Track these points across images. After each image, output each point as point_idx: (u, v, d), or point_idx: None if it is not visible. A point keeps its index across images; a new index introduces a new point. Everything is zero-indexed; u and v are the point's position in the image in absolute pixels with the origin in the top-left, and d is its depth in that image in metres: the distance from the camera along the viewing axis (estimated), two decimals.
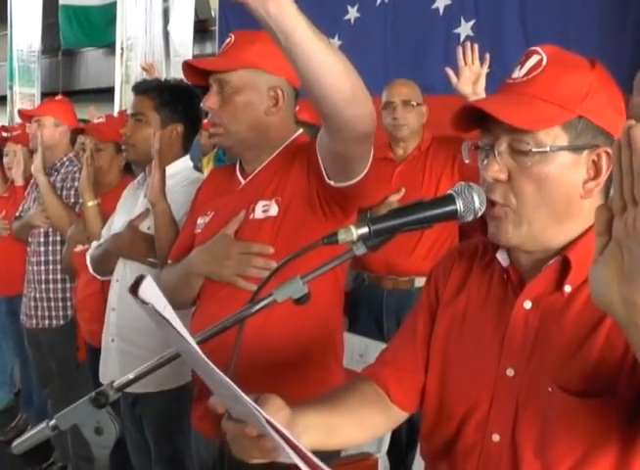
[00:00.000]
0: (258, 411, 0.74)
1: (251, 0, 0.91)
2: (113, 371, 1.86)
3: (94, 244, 2.07)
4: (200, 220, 1.52)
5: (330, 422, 0.94)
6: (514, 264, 0.91)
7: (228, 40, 1.44)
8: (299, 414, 0.89)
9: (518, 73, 0.87)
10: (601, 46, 2.73)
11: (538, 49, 0.87)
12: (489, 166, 0.85)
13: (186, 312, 1.51)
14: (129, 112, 1.99)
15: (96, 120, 2.59)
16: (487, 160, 0.86)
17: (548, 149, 0.82)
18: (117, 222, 1.98)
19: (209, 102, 1.41)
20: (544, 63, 0.85)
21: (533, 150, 0.82)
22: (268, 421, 0.74)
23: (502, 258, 0.92)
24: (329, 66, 1.00)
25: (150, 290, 0.71)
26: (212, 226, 1.46)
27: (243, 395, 0.75)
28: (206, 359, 0.75)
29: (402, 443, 2.21)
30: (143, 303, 0.68)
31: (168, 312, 0.72)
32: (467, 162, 0.90)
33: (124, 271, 1.91)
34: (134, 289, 0.70)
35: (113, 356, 1.90)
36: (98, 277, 2.09)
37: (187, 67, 1.45)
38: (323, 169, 1.26)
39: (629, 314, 0.60)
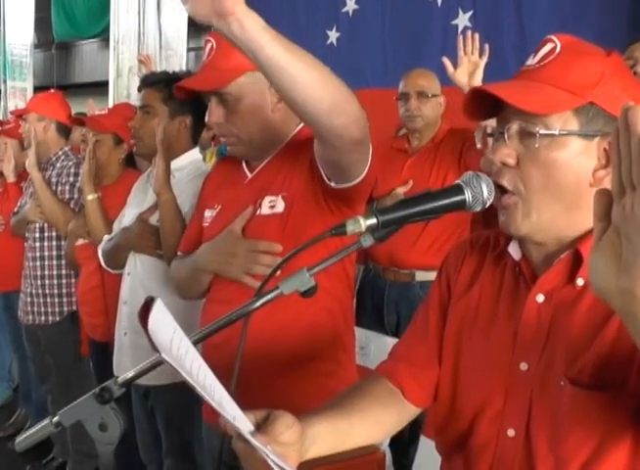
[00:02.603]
0: (256, 442, 0.76)
1: (215, 22, 0.89)
2: (126, 364, 1.86)
3: (105, 237, 2.07)
4: (207, 213, 1.51)
5: (341, 427, 0.93)
6: (526, 258, 0.90)
7: (210, 46, 1.38)
8: (309, 426, 0.88)
9: (531, 61, 0.87)
10: (598, 35, 2.72)
11: (553, 37, 0.87)
12: (498, 149, 0.84)
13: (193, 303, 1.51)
14: (137, 104, 1.99)
15: (97, 112, 2.57)
16: (497, 143, 0.85)
17: (557, 132, 0.81)
18: (128, 216, 1.98)
19: (214, 117, 1.38)
20: (557, 50, 0.85)
21: (541, 132, 0.81)
22: (268, 455, 0.76)
23: (514, 251, 0.91)
24: (302, 78, 0.97)
25: (158, 318, 0.70)
26: (220, 220, 1.45)
27: (245, 433, 0.76)
28: (216, 386, 0.75)
29: (405, 435, 2.20)
30: (154, 347, 0.68)
31: (177, 339, 0.72)
32: (478, 146, 0.89)
33: (135, 265, 1.90)
34: (144, 315, 0.68)
35: (126, 350, 1.90)
36: (110, 271, 2.08)
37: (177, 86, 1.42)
38: (322, 171, 1.25)
39: (627, 304, 0.58)
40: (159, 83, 1.91)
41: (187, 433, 1.58)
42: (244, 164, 1.48)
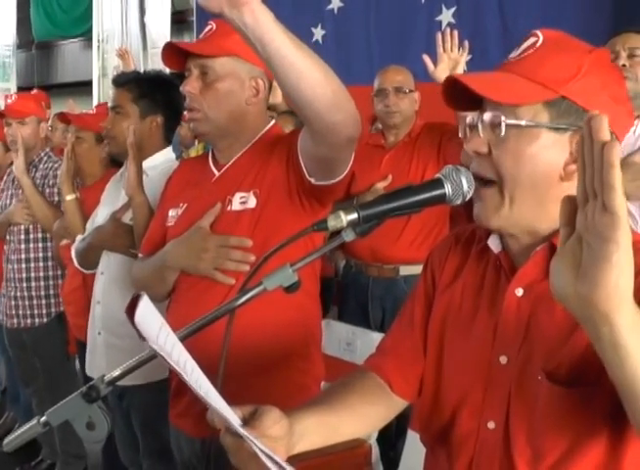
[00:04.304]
0: (250, 439, 0.76)
1: (227, 11, 0.91)
2: (100, 364, 1.86)
3: (78, 237, 2.06)
4: (171, 212, 1.50)
5: (329, 421, 0.93)
6: (505, 251, 0.91)
7: (209, 27, 1.43)
8: (297, 421, 0.88)
9: (514, 54, 0.88)
10: (581, 31, 2.75)
11: (538, 32, 0.87)
12: (471, 139, 0.85)
13: (161, 305, 1.49)
14: (109, 105, 1.99)
15: (84, 111, 2.57)
16: (471, 134, 0.86)
17: (523, 122, 0.81)
18: (101, 215, 1.97)
19: (189, 86, 1.39)
20: (538, 44, 0.85)
21: (507, 122, 0.81)
22: (260, 448, 0.76)
23: (494, 244, 0.92)
24: (308, 73, 0.99)
25: (145, 314, 0.70)
26: (186, 219, 1.44)
27: (234, 424, 0.76)
28: (202, 381, 0.75)
29: (392, 429, 2.22)
30: (141, 337, 0.68)
31: (164, 334, 0.72)
32: (460, 136, 0.90)
33: (109, 264, 1.89)
34: (131, 311, 0.69)
35: (100, 350, 1.89)
36: (84, 271, 2.08)
37: (168, 49, 1.43)
38: (304, 168, 1.26)
39: (584, 310, 0.60)
40: (129, 83, 1.91)
41: (164, 433, 1.57)
42: (210, 163, 1.49)
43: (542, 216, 0.85)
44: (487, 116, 0.84)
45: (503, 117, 0.82)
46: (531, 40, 0.86)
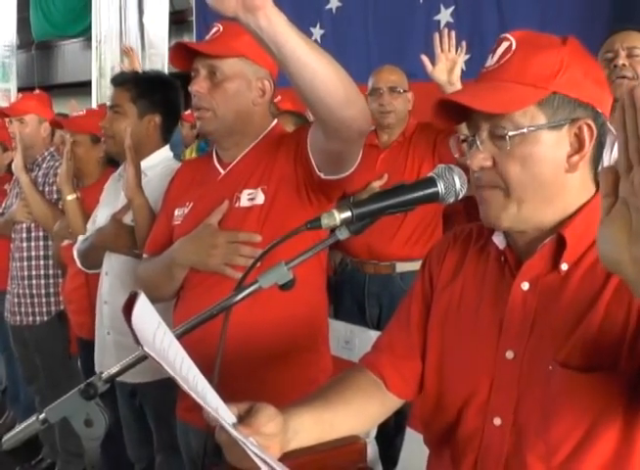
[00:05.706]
0: (243, 442, 0.76)
1: (241, 15, 0.93)
2: (110, 363, 1.86)
3: (80, 238, 2.07)
4: (177, 212, 1.52)
5: (324, 418, 0.94)
6: (510, 246, 0.91)
7: (216, 29, 1.46)
8: (291, 417, 0.89)
9: (490, 62, 0.88)
10: (578, 30, 2.76)
11: (507, 35, 0.88)
12: (473, 156, 0.85)
13: (167, 305, 1.50)
14: (108, 104, 2.01)
15: (75, 114, 2.57)
16: (471, 150, 0.86)
17: (525, 130, 0.82)
18: (102, 215, 1.99)
19: (198, 85, 1.42)
20: (513, 47, 0.86)
21: (510, 134, 0.82)
22: (253, 451, 0.76)
23: (498, 240, 0.92)
24: (321, 71, 1.02)
25: (142, 312, 0.71)
26: (193, 217, 1.46)
27: (226, 425, 0.77)
28: (199, 379, 0.77)
29: (390, 426, 2.23)
30: (137, 341, 0.69)
31: (160, 332, 0.73)
32: (456, 156, 0.90)
33: (111, 264, 1.91)
34: (128, 310, 0.70)
35: (109, 349, 1.90)
36: (87, 271, 2.09)
37: (175, 49, 1.45)
38: (313, 163, 1.29)
39: (639, 272, 0.60)
40: (127, 83, 1.93)
41: (176, 428, 1.59)
42: (215, 162, 1.51)
43: (550, 211, 0.86)
44: (485, 130, 0.85)
45: (506, 130, 0.82)
46: (505, 44, 0.87)
